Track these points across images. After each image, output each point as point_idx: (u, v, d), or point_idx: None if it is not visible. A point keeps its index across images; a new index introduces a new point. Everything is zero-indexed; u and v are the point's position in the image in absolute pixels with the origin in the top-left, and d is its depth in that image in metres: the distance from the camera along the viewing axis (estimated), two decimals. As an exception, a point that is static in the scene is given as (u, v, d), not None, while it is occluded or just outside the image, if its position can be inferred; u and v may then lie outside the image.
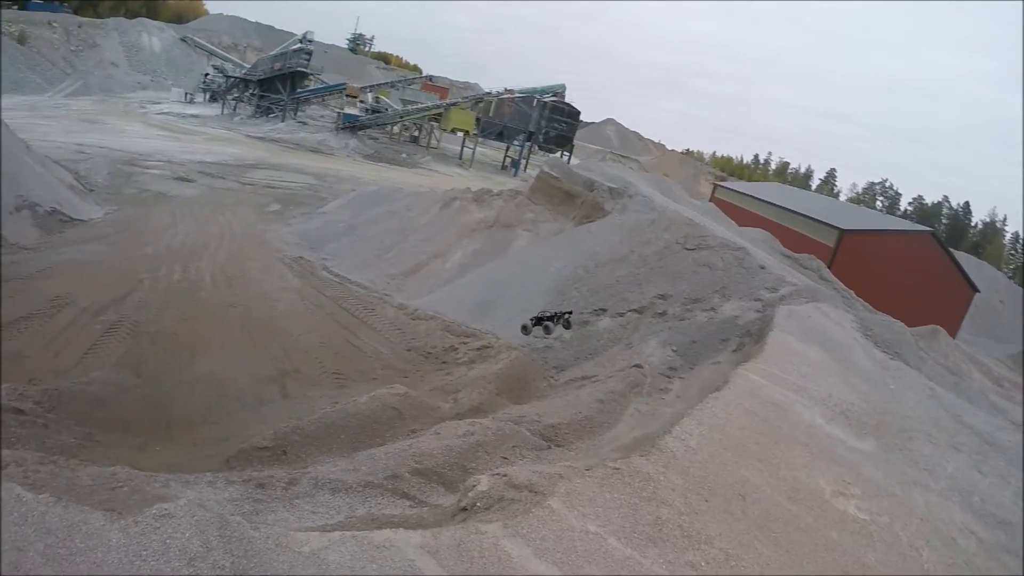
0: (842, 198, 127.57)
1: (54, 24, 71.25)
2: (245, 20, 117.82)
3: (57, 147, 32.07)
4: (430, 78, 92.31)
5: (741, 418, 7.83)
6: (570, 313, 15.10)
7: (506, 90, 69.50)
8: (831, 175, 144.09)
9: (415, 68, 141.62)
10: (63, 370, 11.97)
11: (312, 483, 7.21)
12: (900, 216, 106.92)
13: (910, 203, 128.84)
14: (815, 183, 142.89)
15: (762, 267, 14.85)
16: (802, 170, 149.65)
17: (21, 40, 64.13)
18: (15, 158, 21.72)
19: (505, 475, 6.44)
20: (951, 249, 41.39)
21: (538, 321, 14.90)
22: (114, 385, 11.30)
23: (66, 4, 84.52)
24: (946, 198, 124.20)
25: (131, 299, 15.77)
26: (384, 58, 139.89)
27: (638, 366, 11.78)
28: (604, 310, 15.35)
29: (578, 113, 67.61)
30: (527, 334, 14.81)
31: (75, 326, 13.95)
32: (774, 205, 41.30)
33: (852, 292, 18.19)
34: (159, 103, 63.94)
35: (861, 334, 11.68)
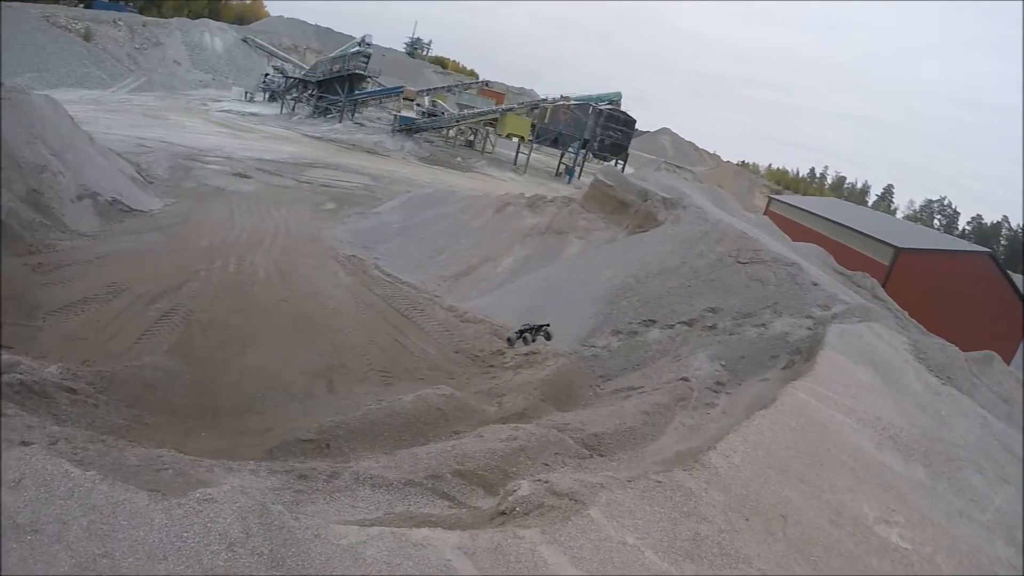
0: (899, 215, 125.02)
1: (119, 23, 73.41)
2: (305, 22, 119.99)
3: (120, 140, 32.96)
4: (486, 83, 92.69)
5: (787, 437, 7.72)
6: (548, 325, 15.30)
7: (562, 97, 69.45)
8: (888, 191, 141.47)
9: (472, 73, 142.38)
10: (116, 354, 12.29)
11: (353, 478, 7.28)
12: (958, 235, 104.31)
13: (968, 222, 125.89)
14: (872, 199, 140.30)
15: (815, 284, 14.63)
16: (859, 185, 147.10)
17: (87, 37, 66.22)
18: (79, 149, 22.37)
19: (546, 481, 6.45)
20: (1010, 272, 40.15)
21: (520, 333, 15.00)
22: (165, 371, 11.52)
23: (131, 4, 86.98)
24: (1006, 218, 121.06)
25: (186, 289, 16.13)
26: (441, 63, 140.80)
27: (685, 379, 11.70)
28: (654, 321, 15.26)
29: (633, 122, 67.22)
30: (511, 346, 14.90)
31: (130, 312, 14.33)
32: (829, 220, 40.53)
33: (906, 313, 17.80)
34: (220, 101, 65.46)
35: (914, 356, 11.43)
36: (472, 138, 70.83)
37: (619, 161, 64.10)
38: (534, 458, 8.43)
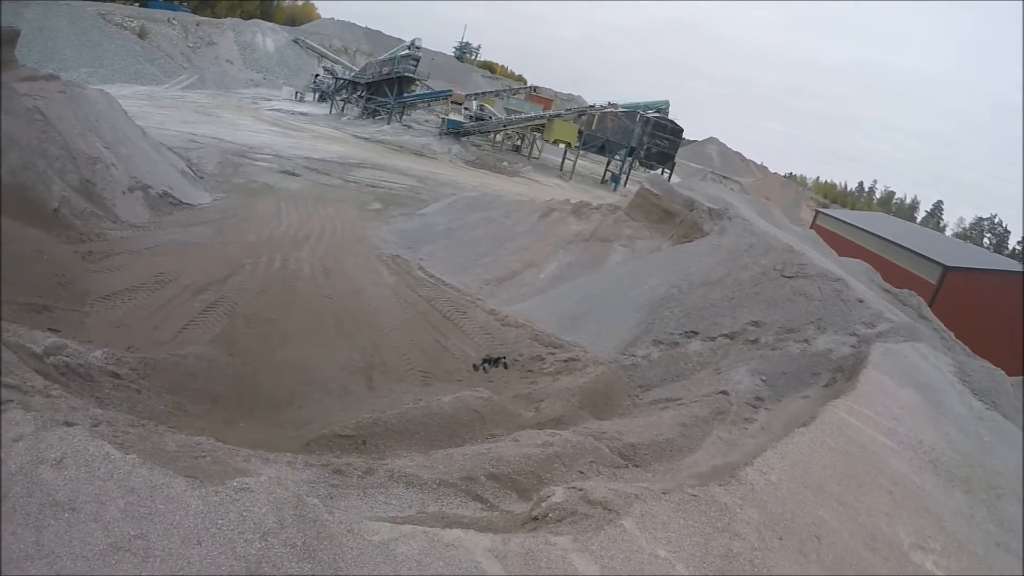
0: (948, 232, 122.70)
1: (173, 21, 75.62)
2: (355, 25, 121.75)
3: (172, 135, 33.68)
4: (534, 89, 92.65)
5: (825, 457, 7.64)
6: (504, 358, 15.12)
7: (609, 104, 69.30)
8: (938, 207, 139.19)
9: (520, 78, 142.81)
10: (161, 342, 12.57)
11: (388, 475, 7.34)
12: (1008, 255, 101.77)
13: (1019, 241, 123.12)
14: (921, 215, 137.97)
15: (860, 300, 14.41)
16: (908, 200, 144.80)
17: (142, 34, 68.28)
18: (132, 142, 22.90)
19: (580, 489, 6.46)
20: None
21: (484, 362, 14.99)
22: (207, 360, 11.74)
23: (185, 3, 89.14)
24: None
25: (231, 282, 16.41)
26: (489, 67, 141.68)
27: (724, 393, 11.60)
28: (695, 333, 15.15)
29: (681, 130, 66.72)
30: (475, 371, 14.87)
31: (175, 302, 14.64)
32: (876, 236, 39.99)
33: (952, 333, 17.42)
34: (270, 100, 66.74)
35: (958, 379, 11.19)
36: (519, 143, 71.02)
37: (665, 170, 63.68)
38: (569, 465, 8.43)
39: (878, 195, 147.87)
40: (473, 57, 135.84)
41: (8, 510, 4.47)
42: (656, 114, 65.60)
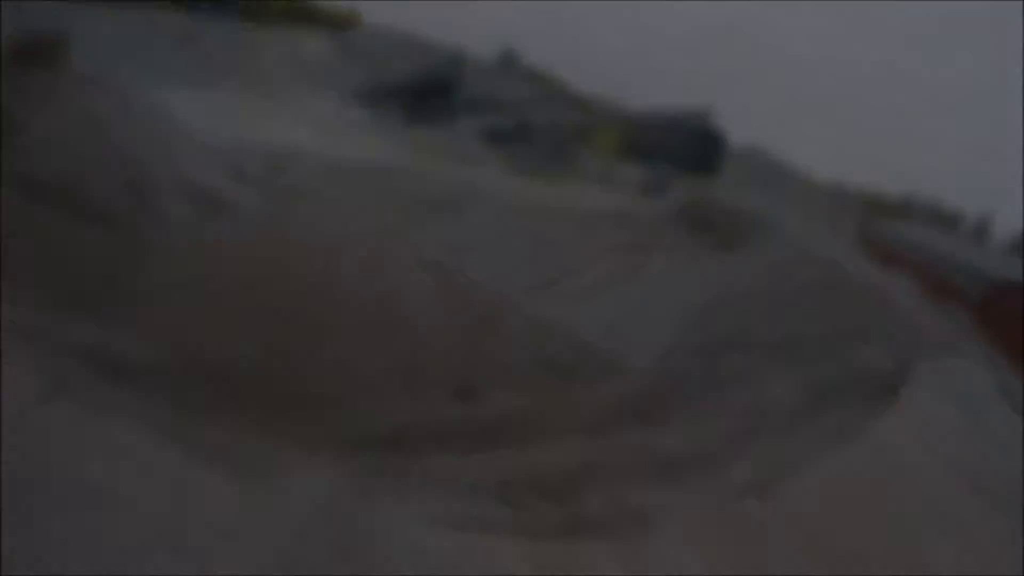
0: (997, 245, 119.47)
1: (220, 27, 76.55)
2: (399, 32, 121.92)
3: (218, 139, 34.12)
4: (578, 95, 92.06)
5: (865, 474, 7.57)
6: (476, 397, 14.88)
7: (653, 110, 68.82)
8: (985, 219, 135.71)
9: (563, 84, 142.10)
10: (204, 339, 12.78)
11: (424, 478, 7.40)
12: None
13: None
14: (968, 227, 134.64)
15: (904, 315, 14.20)
16: (955, 212, 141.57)
17: (188, 40, 69.17)
18: (177, 144, 23.33)
19: (617, 499, 6.47)
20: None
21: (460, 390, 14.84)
22: (248, 358, 11.94)
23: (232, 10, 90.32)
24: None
25: (273, 281, 16.60)
26: (533, 72, 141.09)
27: (764, 406, 11.52)
28: (735, 344, 15.03)
29: (724, 138, 65.91)
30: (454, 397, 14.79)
31: (217, 300, 14.85)
32: (922, 248, 39.12)
33: (996, 350, 17.05)
34: (316, 106, 67.13)
35: (1001, 398, 11.01)
36: (562, 150, 70.90)
37: (709, 178, 62.99)
38: (607, 474, 8.44)
39: (925, 206, 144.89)
40: (517, 63, 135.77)
41: (49, 498, 4.63)
42: (700, 122, 64.96)
